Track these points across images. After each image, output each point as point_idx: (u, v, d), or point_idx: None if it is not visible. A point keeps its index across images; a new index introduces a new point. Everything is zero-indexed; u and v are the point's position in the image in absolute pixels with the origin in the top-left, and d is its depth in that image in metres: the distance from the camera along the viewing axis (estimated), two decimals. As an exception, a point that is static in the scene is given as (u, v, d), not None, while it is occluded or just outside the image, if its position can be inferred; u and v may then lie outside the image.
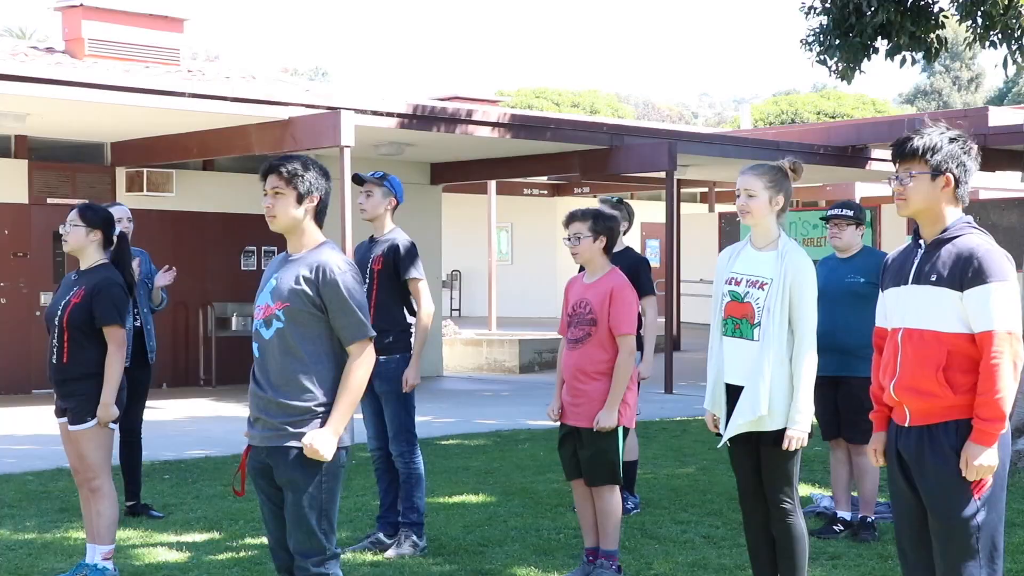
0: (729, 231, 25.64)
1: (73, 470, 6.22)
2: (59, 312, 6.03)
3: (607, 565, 6.09)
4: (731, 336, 5.17)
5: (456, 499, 8.28)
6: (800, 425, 5.06)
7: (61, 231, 6.21)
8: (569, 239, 6.11)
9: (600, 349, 6.01)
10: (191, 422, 12.90)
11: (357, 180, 6.89)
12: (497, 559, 6.60)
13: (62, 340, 6.02)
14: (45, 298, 15.07)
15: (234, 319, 16.63)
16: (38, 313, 14.94)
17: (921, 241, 4.15)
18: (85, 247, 6.13)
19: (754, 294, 5.13)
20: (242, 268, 16.86)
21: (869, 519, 7.09)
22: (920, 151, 4.06)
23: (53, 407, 6.22)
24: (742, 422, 5.07)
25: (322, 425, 4.37)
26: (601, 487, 6.06)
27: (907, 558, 4.21)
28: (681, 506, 7.96)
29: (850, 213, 7.18)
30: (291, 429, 4.37)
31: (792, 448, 5.07)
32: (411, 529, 6.77)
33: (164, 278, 8.12)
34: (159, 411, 13.14)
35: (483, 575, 6.27)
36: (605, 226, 6.09)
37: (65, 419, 6.11)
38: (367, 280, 6.76)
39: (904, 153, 4.09)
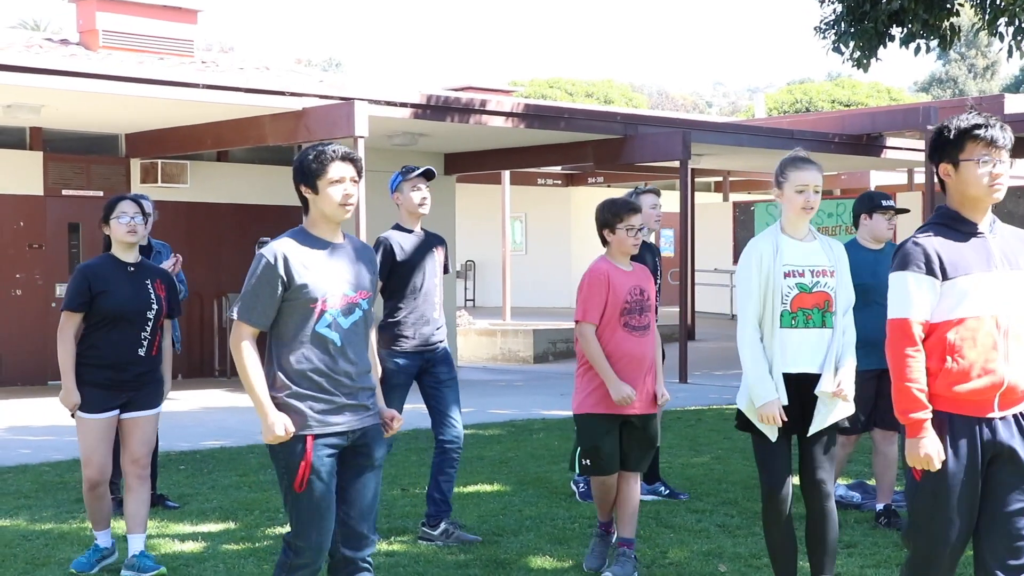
0: (743, 220, 25.59)
1: (129, 463, 6.19)
2: (155, 307, 6.14)
3: (629, 553, 6.11)
4: (803, 327, 5.18)
5: (471, 489, 8.29)
6: (851, 389, 5.25)
7: (123, 222, 6.11)
8: (640, 229, 6.12)
9: (653, 335, 6.14)
10: (206, 413, 12.94)
11: (432, 175, 6.89)
12: (512, 548, 6.60)
13: (155, 333, 6.18)
14: (60, 289, 15.09)
15: (249, 310, 16.62)
16: (53, 304, 14.98)
17: (980, 228, 4.11)
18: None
19: (823, 282, 5.21)
20: (256, 259, 16.85)
21: (893, 507, 7.10)
22: (1012, 141, 4.09)
23: (95, 402, 6.09)
24: (829, 410, 5.20)
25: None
26: (638, 473, 6.15)
27: (955, 556, 4.10)
28: (696, 495, 7.96)
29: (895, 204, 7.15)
30: (373, 408, 4.59)
31: (848, 397, 5.21)
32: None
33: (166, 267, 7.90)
34: (174, 402, 13.18)
35: (498, 564, 6.28)
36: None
37: (116, 412, 6.12)
38: (434, 275, 6.84)
39: (1002, 142, 4.06)
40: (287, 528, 7.08)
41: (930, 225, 4.17)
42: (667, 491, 7.90)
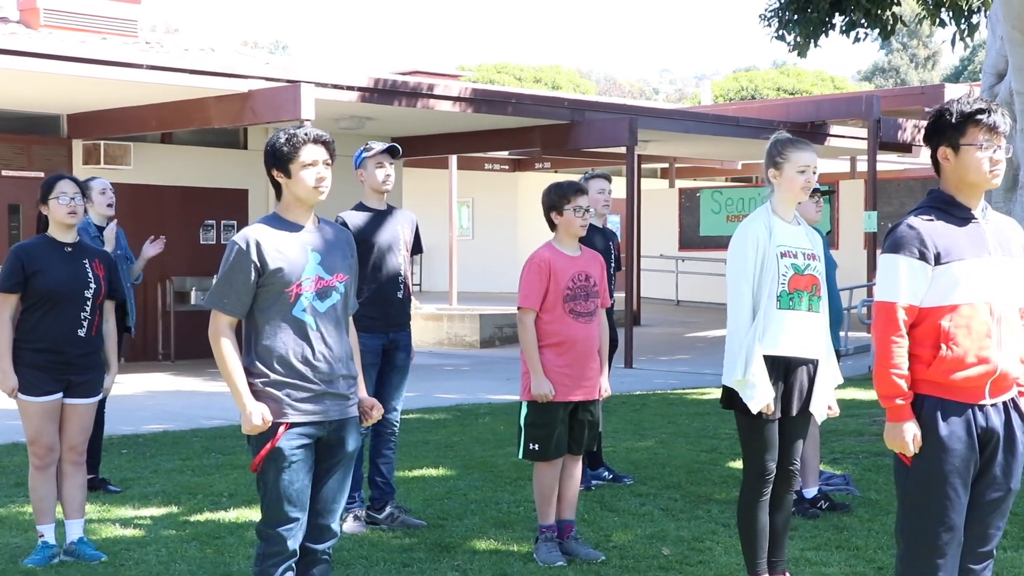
0: (689, 207, 25.74)
1: (65, 449, 6.10)
2: (93, 287, 6.05)
3: (577, 535, 6.17)
4: (795, 309, 5.19)
5: (416, 473, 8.29)
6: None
7: (63, 203, 6.01)
8: (587, 210, 6.13)
9: (600, 321, 6.17)
10: (149, 396, 12.83)
11: (397, 153, 6.86)
12: (457, 532, 6.62)
13: (94, 313, 6.09)
14: (0, 272, 14.87)
15: (193, 293, 16.52)
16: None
17: (975, 213, 4.09)
18: None
19: (813, 265, 5.26)
20: (201, 242, 16.74)
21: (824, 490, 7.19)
22: (1010, 127, 4.09)
23: (39, 384, 5.99)
24: (830, 395, 5.31)
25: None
26: (580, 456, 6.22)
27: (956, 540, 4.06)
28: (640, 479, 8.01)
29: None
30: (353, 398, 4.52)
31: (836, 415, 5.44)
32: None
33: (153, 248, 8.04)
34: (117, 385, 13.00)
35: (442, 548, 6.29)
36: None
37: (60, 395, 6.04)
38: (397, 252, 6.78)
39: (1003, 127, 4.05)
40: (230, 513, 7.09)
41: (924, 208, 4.11)
42: (611, 475, 7.95)
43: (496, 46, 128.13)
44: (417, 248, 7.00)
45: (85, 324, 6.05)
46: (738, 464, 8.05)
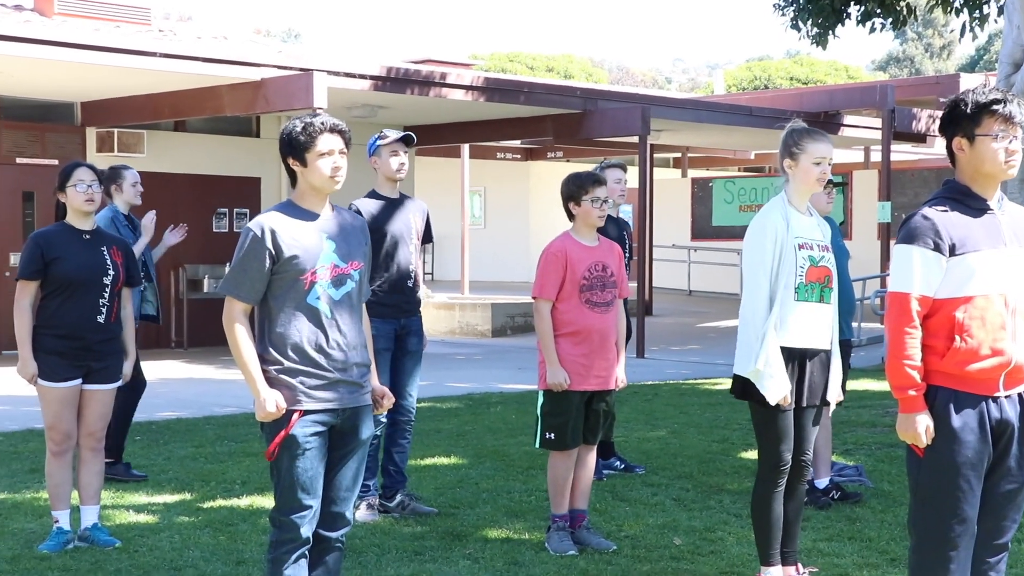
0: (701, 196, 25.70)
1: (83, 435, 6.13)
2: (112, 273, 6.09)
3: (589, 525, 6.18)
4: (810, 301, 5.20)
5: (428, 461, 8.31)
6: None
7: (80, 190, 6.03)
8: (605, 201, 6.14)
9: (617, 311, 6.19)
10: (162, 384, 12.85)
11: (411, 141, 6.86)
12: (468, 521, 6.63)
13: (112, 300, 6.11)
14: (15, 259, 14.93)
15: (206, 281, 16.56)
16: (7, 274, 14.82)
17: (990, 204, 4.07)
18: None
19: (827, 257, 5.27)
20: (214, 230, 16.77)
21: (836, 480, 7.18)
22: None
23: (62, 371, 6.01)
24: (840, 381, 5.38)
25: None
26: (595, 446, 6.24)
27: (968, 532, 4.06)
28: (652, 469, 8.01)
29: None
30: (366, 386, 4.51)
31: (841, 402, 5.52)
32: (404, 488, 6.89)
33: (175, 236, 8.15)
34: (130, 373, 13.07)
35: (454, 537, 6.30)
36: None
37: (79, 381, 6.06)
38: (409, 241, 6.78)
39: (1019, 118, 4.03)
40: (243, 500, 7.12)
41: (939, 199, 4.09)
42: (623, 465, 7.96)
43: (508, 35, 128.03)
44: (427, 238, 7.00)
45: (104, 311, 6.08)
46: (750, 454, 8.06)
